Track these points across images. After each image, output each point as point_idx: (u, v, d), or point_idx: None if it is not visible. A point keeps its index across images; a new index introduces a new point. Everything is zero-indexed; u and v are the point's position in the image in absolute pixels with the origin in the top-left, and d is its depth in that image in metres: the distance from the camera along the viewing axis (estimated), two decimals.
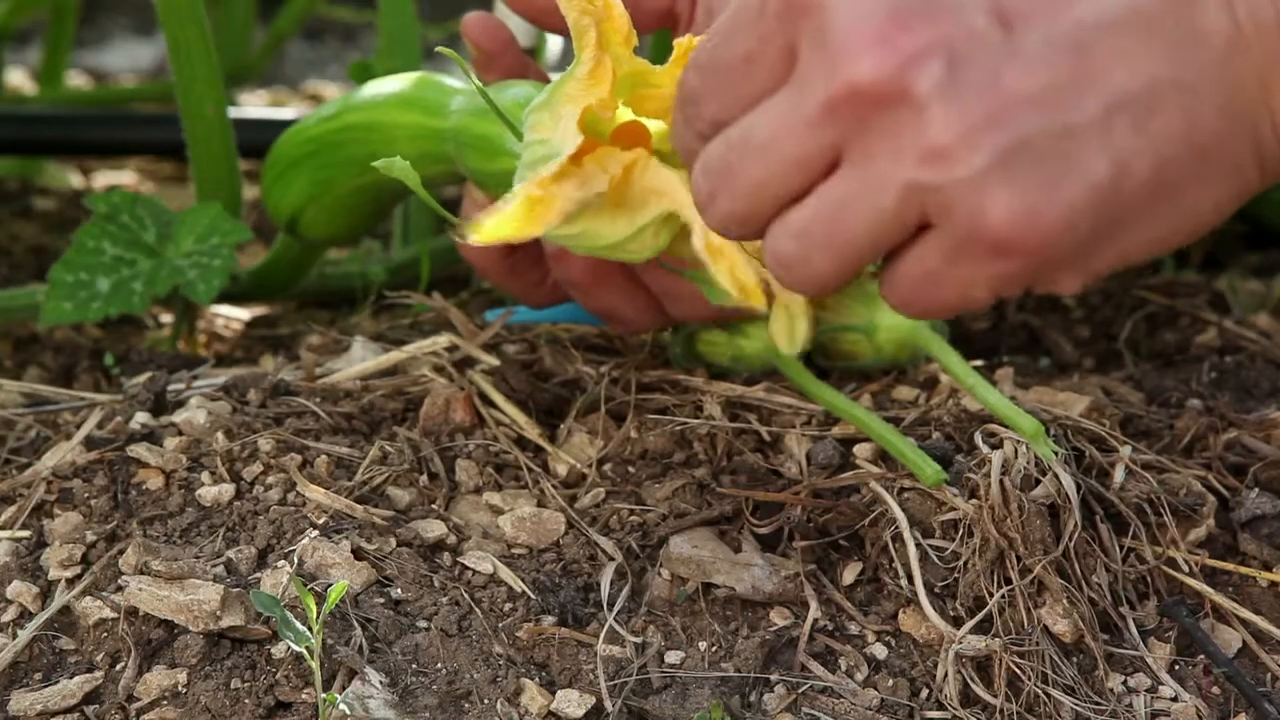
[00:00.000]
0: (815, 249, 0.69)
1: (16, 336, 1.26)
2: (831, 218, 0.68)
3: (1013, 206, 0.65)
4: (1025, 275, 0.68)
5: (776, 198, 0.70)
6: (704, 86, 0.72)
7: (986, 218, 0.65)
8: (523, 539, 0.93)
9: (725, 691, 0.85)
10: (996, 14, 0.65)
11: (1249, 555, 0.96)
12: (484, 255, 1.02)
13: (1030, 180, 0.65)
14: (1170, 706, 0.88)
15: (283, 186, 1.14)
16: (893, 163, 0.66)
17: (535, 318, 1.12)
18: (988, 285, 0.68)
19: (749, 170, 0.69)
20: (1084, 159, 0.65)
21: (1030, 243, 0.66)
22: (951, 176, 0.65)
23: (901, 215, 0.67)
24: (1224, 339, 1.23)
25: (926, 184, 0.66)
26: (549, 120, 0.81)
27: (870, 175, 0.67)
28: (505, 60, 1.00)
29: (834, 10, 0.66)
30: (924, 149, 0.65)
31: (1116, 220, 0.67)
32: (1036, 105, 0.65)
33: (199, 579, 0.86)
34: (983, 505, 0.90)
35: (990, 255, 0.67)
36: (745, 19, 0.70)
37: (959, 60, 0.65)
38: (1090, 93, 0.65)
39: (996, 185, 0.65)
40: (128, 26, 2.75)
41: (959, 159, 0.65)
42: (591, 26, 0.79)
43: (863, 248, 0.69)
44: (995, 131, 0.65)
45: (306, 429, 0.99)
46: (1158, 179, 0.66)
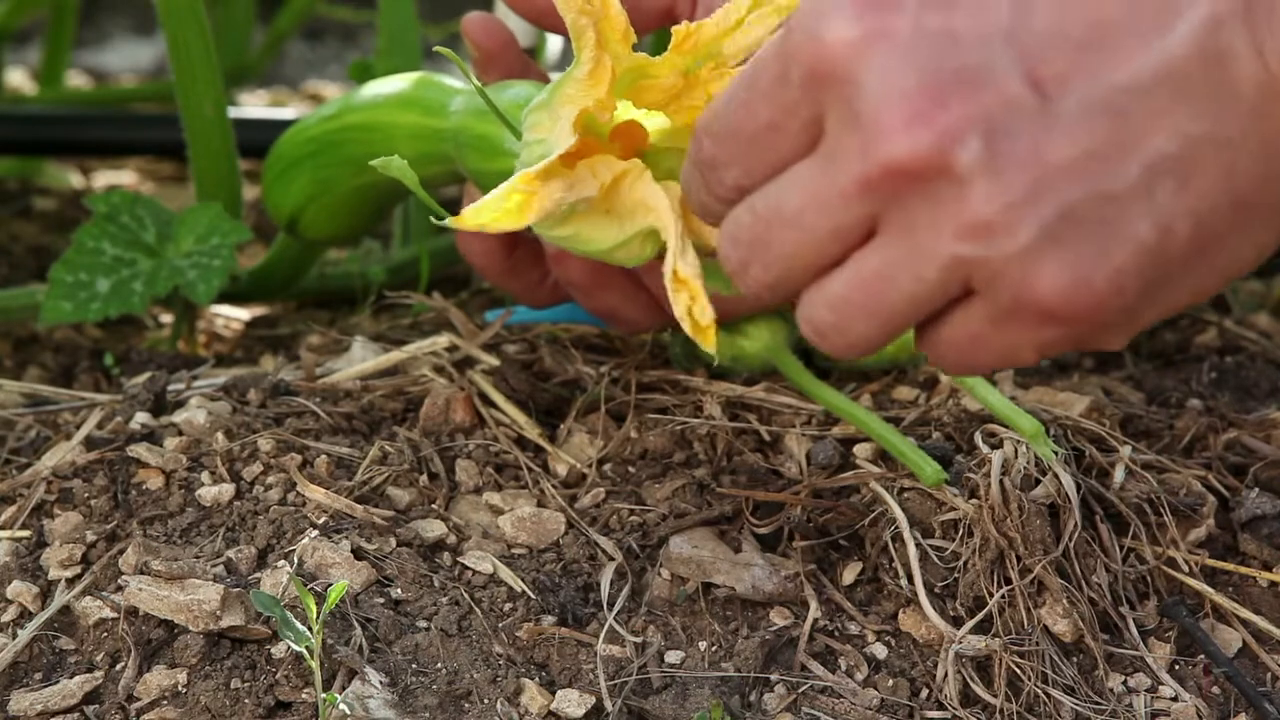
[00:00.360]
0: (854, 318, 0.68)
1: (16, 336, 1.26)
2: (871, 288, 0.67)
3: (1061, 277, 0.65)
4: (1074, 338, 0.68)
5: (811, 267, 0.69)
6: (724, 154, 0.71)
7: (1035, 289, 0.65)
8: (523, 539, 0.93)
9: (725, 691, 0.85)
10: (1031, 80, 0.64)
11: (1249, 555, 0.96)
12: (484, 255, 1.02)
13: (1077, 249, 0.64)
14: (1170, 706, 0.88)
15: (283, 186, 1.14)
16: (934, 236, 0.65)
17: (535, 318, 1.12)
18: (1034, 349, 0.68)
19: (782, 243, 0.69)
20: (1128, 224, 0.65)
21: (1079, 310, 0.65)
22: (997, 251, 0.65)
23: (945, 285, 0.67)
24: (1224, 339, 1.23)
25: (971, 258, 0.65)
26: (548, 120, 0.81)
27: (911, 247, 0.66)
28: (505, 60, 1.00)
29: (864, 84, 0.65)
30: (967, 224, 0.64)
31: (1162, 279, 0.66)
32: (1078, 174, 0.64)
33: (199, 579, 0.86)
34: (983, 505, 0.90)
35: (1039, 323, 0.66)
36: (765, 86, 0.69)
37: (997, 132, 0.64)
38: (1130, 157, 0.64)
39: (1043, 257, 0.64)
40: (128, 26, 2.74)
41: (1004, 233, 0.64)
42: (590, 26, 0.79)
43: (904, 316, 0.68)
44: (1039, 204, 0.64)
45: (306, 429, 0.99)
46: (1201, 235, 0.65)
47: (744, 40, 0.81)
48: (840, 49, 0.65)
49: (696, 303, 0.79)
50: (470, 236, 1.02)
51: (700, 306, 0.79)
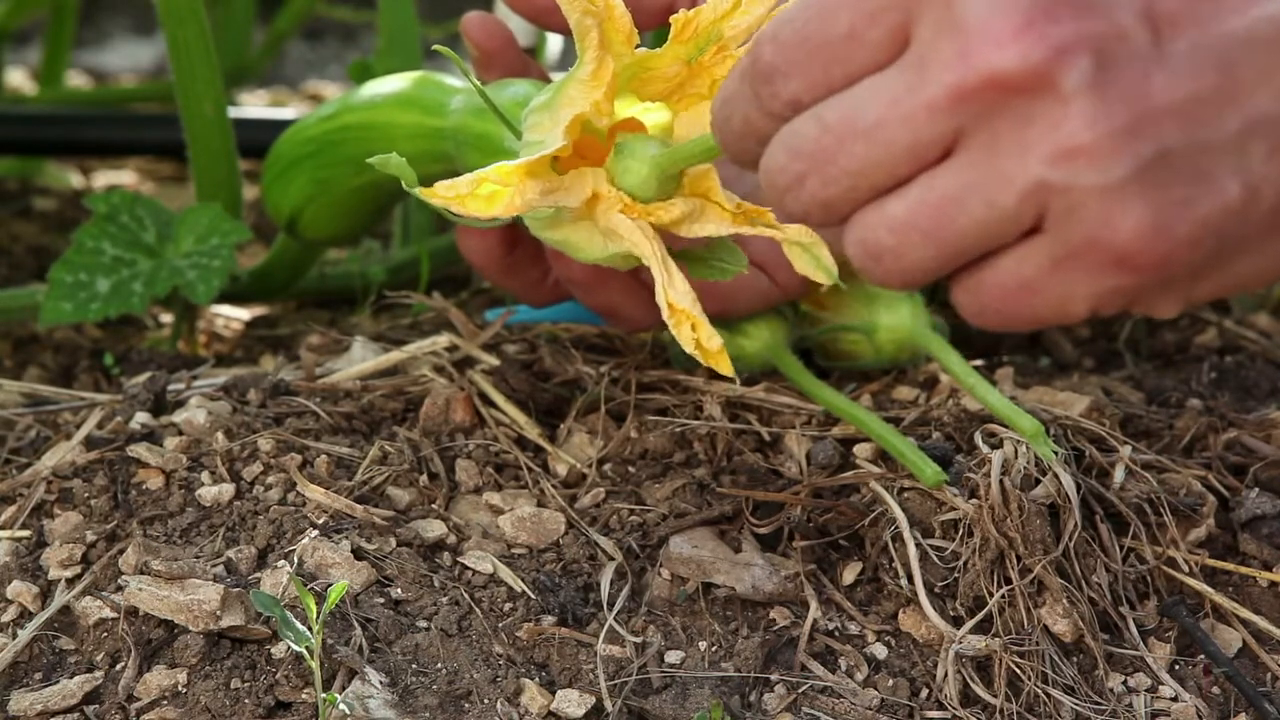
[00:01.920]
0: (915, 244, 0.66)
1: (16, 336, 1.26)
2: (939, 211, 0.65)
3: (1144, 220, 0.63)
4: (1134, 292, 0.66)
5: (876, 186, 0.66)
6: (787, 62, 0.67)
7: (1115, 227, 0.63)
8: (523, 539, 0.93)
9: (725, 691, 0.85)
10: (1146, 16, 0.63)
11: (1249, 555, 0.96)
12: (483, 253, 1.02)
13: (1165, 194, 0.63)
14: (1170, 706, 0.88)
15: (282, 186, 1.14)
16: (1021, 158, 0.63)
17: (535, 317, 1.12)
18: (1089, 300, 0.66)
19: (852, 155, 0.66)
20: (1218, 179, 0.63)
21: (1153, 258, 0.64)
22: (1086, 180, 0.63)
23: (1019, 215, 0.64)
24: (1224, 339, 1.23)
25: (1057, 184, 0.63)
26: (549, 122, 0.81)
27: (993, 169, 0.64)
28: (505, 59, 1.00)
29: None
30: (1061, 147, 0.63)
31: (1237, 245, 0.65)
32: (1180, 117, 0.63)
33: (199, 579, 0.86)
34: (983, 505, 0.90)
35: (1107, 267, 0.65)
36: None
37: (1107, 59, 0.62)
38: (1232, 110, 0.63)
39: (1132, 195, 0.63)
40: (128, 26, 2.75)
41: (1098, 162, 0.63)
42: (594, 27, 0.79)
43: (967, 245, 0.66)
44: (1138, 140, 0.63)
45: (306, 429, 0.99)
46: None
47: (744, 22, 0.80)
48: None
49: (700, 330, 0.79)
50: (469, 235, 1.02)
51: (705, 333, 0.79)
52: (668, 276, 0.80)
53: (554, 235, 0.83)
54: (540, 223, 0.83)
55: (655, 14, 0.95)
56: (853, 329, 1.04)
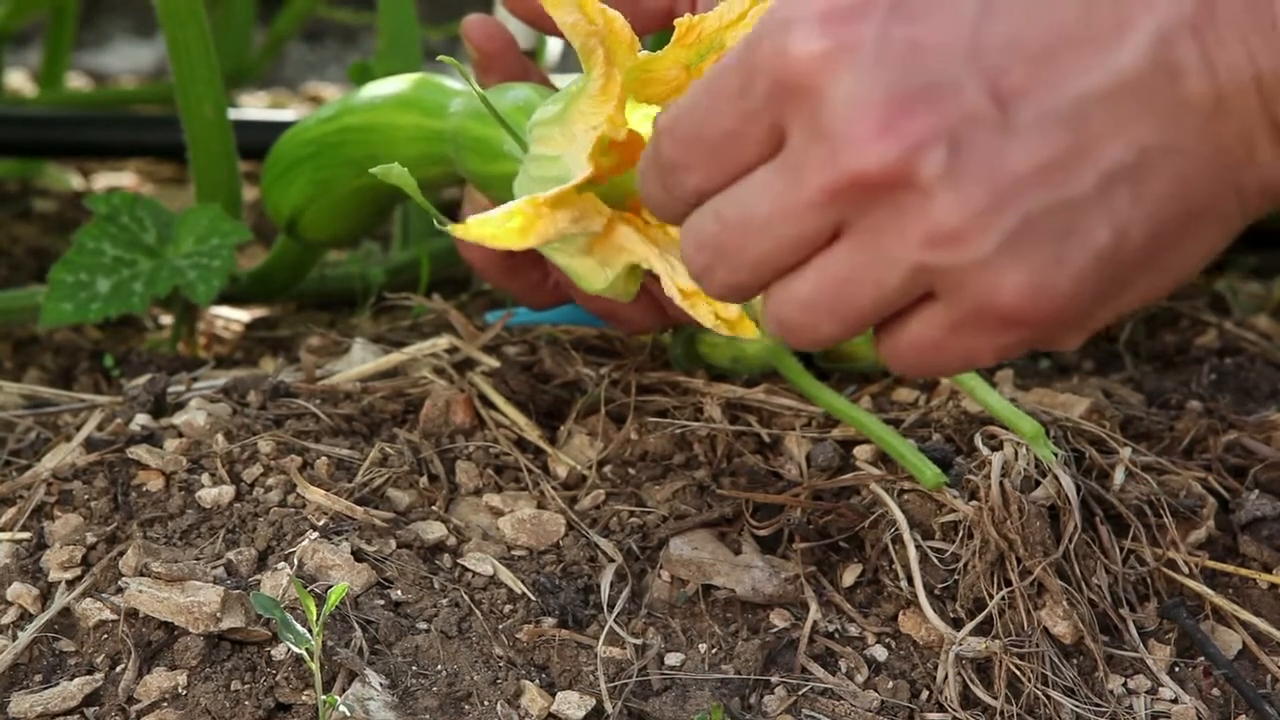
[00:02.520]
0: (821, 319, 0.70)
1: (16, 338, 1.26)
2: (836, 291, 0.69)
3: (1022, 284, 0.66)
4: (1033, 341, 0.69)
5: (777, 270, 0.71)
6: (684, 158, 0.72)
7: (996, 296, 0.67)
8: (523, 541, 0.93)
9: (725, 693, 0.85)
10: (992, 92, 0.66)
11: (1249, 557, 0.96)
12: (484, 256, 1.02)
13: (1037, 256, 0.66)
14: (1170, 708, 0.88)
15: (282, 187, 1.14)
16: (899, 243, 0.67)
17: (536, 319, 1.12)
18: (993, 352, 0.70)
19: (748, 249, 0.70)
20: (1086, 229, 0.66)
21: (1039, 315, 0.67)
22: (960, 259, 0.66)
23: (908, 290, 0.68)
24: (1224, 340, 1.23)
25: (934, 266, 0.67)
26: (560, 137, 0.81)
27: (876, 253, 0.68)
28: (505, 62, 1.00)
29: (831, 97, 0.66)
30: (931, 233, 0.66)
31: (1118, 282, 0.68)
32: (1038, 182, 0.66)
33: (199, 581, 0.86)
34: (983, 507, 0.90)
35: (999, 328, 0.68)
36: (729, 94, 0.70)
37: (961, 143, 0.65)
38: (1088, 165, 0.66)
39: (1006, 264, 0.66)
40: (128, 28, 2.75)
41: (967, 242, 0.66)
42: (598, 46, 0.79)
43: (868, 317, 0.70)
44: (1001, 213, 0.66)
45: (306, 431, 0.99)
46: (1155, 240, 0.67)
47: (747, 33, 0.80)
48: (806, 62, 0.67)
49: (716, 303, 0.80)
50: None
51: (721, 304, 0.80)
52: (671, 267, 0.81)
53: (559, 260, 0.84)
54: (550, 246, 0.84)
55: (656, 16, 0.95)
56: None
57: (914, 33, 0.66)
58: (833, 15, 0.67)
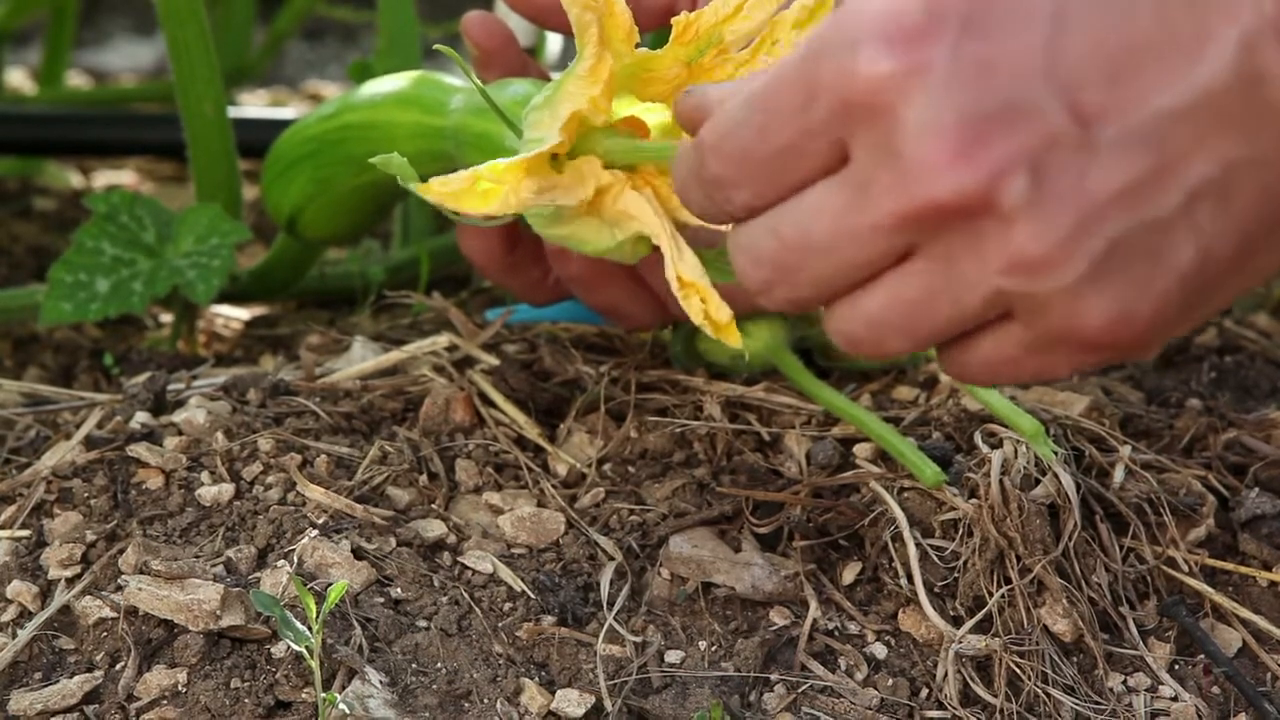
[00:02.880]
0: (890, 337, 0.68)
1: (16, 336, 1.26)
2: (909, 311, 0.67)
3: (1108, 311, 0.65)
4: (1114, 360, 0.68)
5: (842, 290, 0.69)
6: (734, 174, 0.70)
7: (1081, 322, 0.65)
8: (522, 539, 0.93)
9: (725, 691, 0.85)
10: (1074, 112, 0.63)
11: (1249, 555, 0.96)
12: (483, 252, 1.02)
13: (1123, 282, 0.64)
14: (1170, 706, 0.88)
15: (282, 186, 1.14)
16: (977, 269, 0.65)
17: (536, 316, 1.12)
18: (1069, 369, 0.68)
19: (810, 268, 0.68)
20: (1172, 250, 0.65)
21: (1125, 339, 0.66)
22: (1043, 287, 0.64)
23: (986, 312, 0.67)
24: (1224, 339, 1.23)
25: (1016, 292, 0.65)
26: (548, 119, 0.81)
27: (952, 277, 0.66)
28: (505, 58, 1.00)
29: (903, 119, 0.64)
30: (1013, 260, 0.64)
31: (1202, 295, 0.67)
32: (1122, 205, 0.64)
33: (199, 578, 0.86)
34: (982, 505, 0.90)
35: (1081, 351, 0.67)
36: (786, 111, 0.67)
37: (1042, 169, 0.63)
38: (1172, 184, 0.64)
39: (1091, 291, 0.64)
40: (128, 26, 2.75)
41: (1051, 270, 0.64)
42: (594, 23, 0.79)
43: (941, 336, 0.68)
44: (1086, 238, 0.64)
45: (306, 429, 0.99)
46: (1238, 254, 0.66)
47: (744, 27, 0.80)
48: (876, 82, 0.64)
49: (709, 302, 0.79)
50: (469, 234, 1.02)
51: (714, 305, 0.79)
52: (677, 251, 0.80)
53: (558, 231, 0.83)
54: (543, 220, 0.83)
55: (656, 14, 0.95)
56: None
57: (987, 51, 0.64)
58: (901, 34, 0.64)
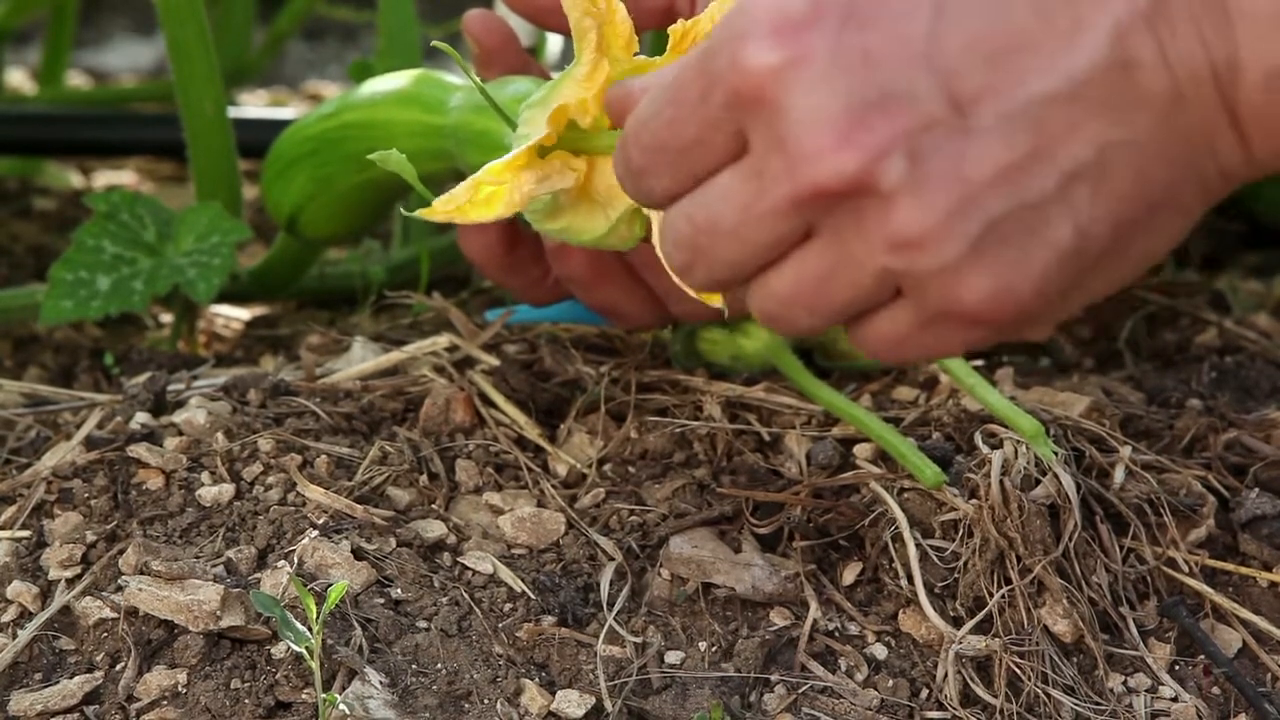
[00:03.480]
0: (799, 314, 0.71)
1: (16, 336, 1.26)
2: (813, 289, 0.70)
3: (985, 286, 0.67)
4: (1000, 335, 0.71)
5: (752, 268, 0.72)
6: (650, 165, 0.73)
7: (960, 299, 0.68)
8: (523, 539, 0.93)
9: (725, 691, 0.85)
10: (949, 98, 0.66)
11: (1249, 555, 0.96)
12: (483, 252, 1.02)
13: (1001, 260, 0.67)
14: (1170, 707, 0.88)
15: (283, 185, 1.14)
16: (864, 249, 0.68)
17: (536, 316, 1.12)
18: (961, 345, 0.71)
19: (722, 251, 0.71)
20: (1049, 230, 0.67)
21: (1004, 315, 0.68)
22: (923, 265, 0.67)
23: (879, 289, 0.69)
24: (1224, 339, 1.23)
25: (899, 270, 0.68)
26: (540, 116, 0.81)
27: (845, 255, 0.69)
28: (505, 57, 1.01)
29: (787, 109, 0.67)
30: (894, 239, 0.67)
31: (1081, 276, 0.69)
32: (999, 186, 0.66)
33: (199, 579, 0.86)
34: (983, 505, 0.90)
35: (965, 326, 0.69)
36: (686, 103, 0.70)
37: (919, 151, 0.66)
38: (1048, 167, 0.66)
39: (969, 269, 0.67)
40: (128, 26, 2.75)
41: (930, 248, 0.67)
42: (593, 29, 0.79)
43: (843, 312, 0.71)
44: (962, 219, 0.66)
45: (306, 429, 0.99)
46: (1116, 234, 0.68)
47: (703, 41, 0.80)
48: (761, 74, 0.67)
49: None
50: (470, 234, 1.02)
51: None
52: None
53: (555, 224, 0.83)
54: (540, 214, 0.83)
55: (653, 14, 0.95)
56: None
57: (867, 41, 0.66)
58: (785, 26, 0.67)
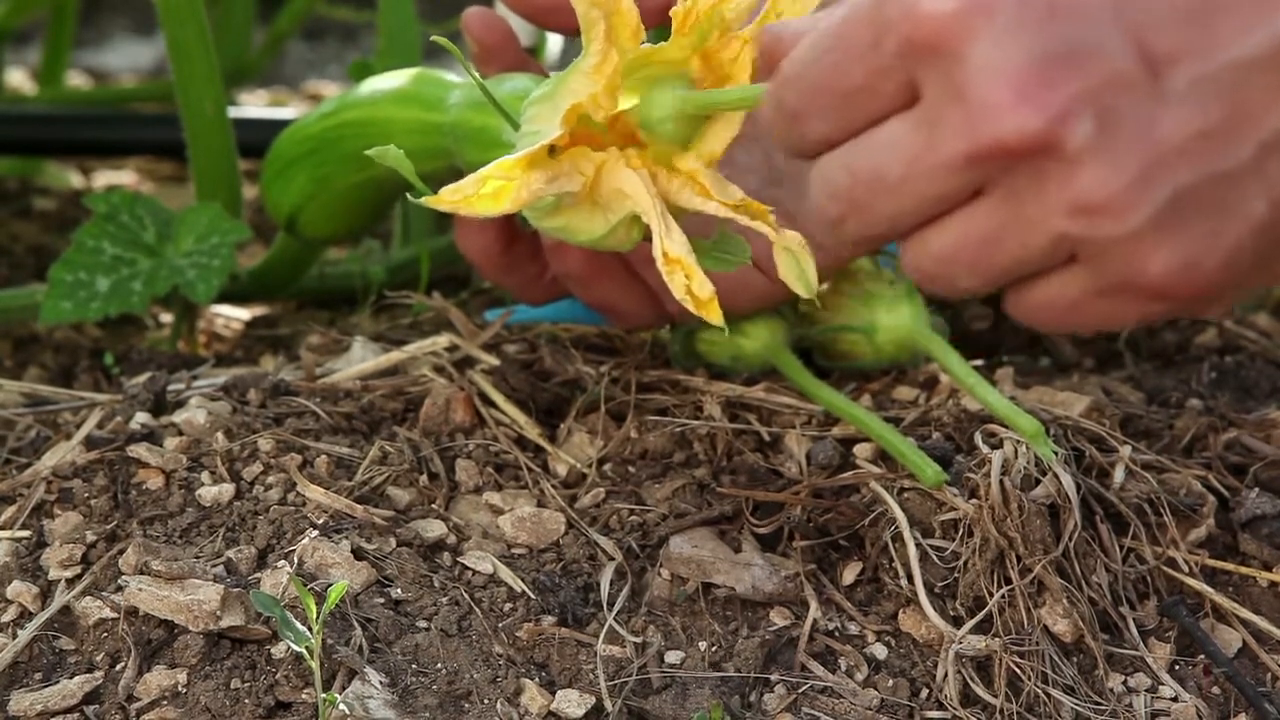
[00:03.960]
0: (960, 273, 0.68)
1: (16, 336, 1.26)
2: (977, 249, 0.67)
3: (1172, 260, 0.64)
4: (1178, 312, 0.67)
5: (912, 225, 0.68)
6: (809, 108, 0.69)
7: (1144, 271, 0.64)
8: (523, 539, 0.93)
9: (725, 691, 0.85)
10: (1143, 56, 0.63)
11: (1249, 555, 0.96)
12: (481, 250, 1.02)
13: (1189, 232, 0.64)
14: (1170, 706, 0.88)
15: (282, 184, 1.14)
16: (1042, 211, 0.64)
17: (535, 316, 1.12)
18: (1135, 318, 0.67)
19: (883, 205, 0.68)
20: (1241, 204, 0.64)
21: (1189, 291, 0.65)
22: (1106, 233, 0.64)
23: (1052, 253, 0.66)
24: (1224, 339, 1.23)
25: (1079, 237, 0.64)
26: (548, 113, 0.80)
27: (1018, 216, 0.65)
28: (504, 55, 1.01)
29: (968, 60, 0.63)
30: (1077, 204, 0.63)
31: (1271, 253, 0.65)
32: (1191, 155, 0.63)
33: (199, 579, 0.86)
34: (983, 505, 0.90)
35: (1144, 299, 0.66)
36: (856, 49, 0.67)
37: (1108, 112, 0.62)
38: (1245, 135, 0.63)
39: (1155, 240, 0.63)
40: (128, 26, 2.75)
41: (1115, 216, 0.63)
42: (601, 19, 0.78)
43: (1008, 275, 0.68)
44: (1151, 186, 0.63)
45: (306, 429, 0.99)
46: None
47: (744, 2, 0.80)
48: (939, 22, 0.64)
49: (693, 279, 0.79)
50: (468, 231, 1.02)
51: (698, 281, 0.79)
52: (665, 228, 0.80)
53: (555, 222, 0.83)
54: (540, 212, 0.83)
55: (657, 12, 0.95)
56: (853, 329, 1.04)
57: None
58: None
